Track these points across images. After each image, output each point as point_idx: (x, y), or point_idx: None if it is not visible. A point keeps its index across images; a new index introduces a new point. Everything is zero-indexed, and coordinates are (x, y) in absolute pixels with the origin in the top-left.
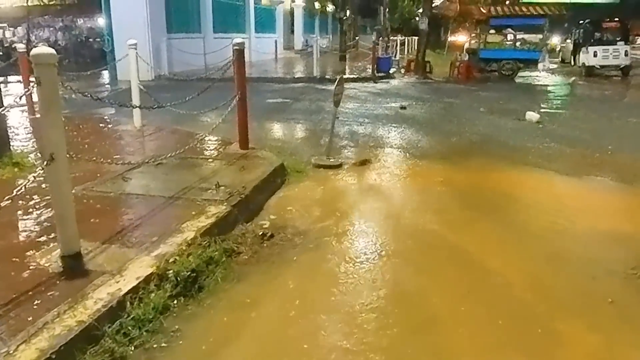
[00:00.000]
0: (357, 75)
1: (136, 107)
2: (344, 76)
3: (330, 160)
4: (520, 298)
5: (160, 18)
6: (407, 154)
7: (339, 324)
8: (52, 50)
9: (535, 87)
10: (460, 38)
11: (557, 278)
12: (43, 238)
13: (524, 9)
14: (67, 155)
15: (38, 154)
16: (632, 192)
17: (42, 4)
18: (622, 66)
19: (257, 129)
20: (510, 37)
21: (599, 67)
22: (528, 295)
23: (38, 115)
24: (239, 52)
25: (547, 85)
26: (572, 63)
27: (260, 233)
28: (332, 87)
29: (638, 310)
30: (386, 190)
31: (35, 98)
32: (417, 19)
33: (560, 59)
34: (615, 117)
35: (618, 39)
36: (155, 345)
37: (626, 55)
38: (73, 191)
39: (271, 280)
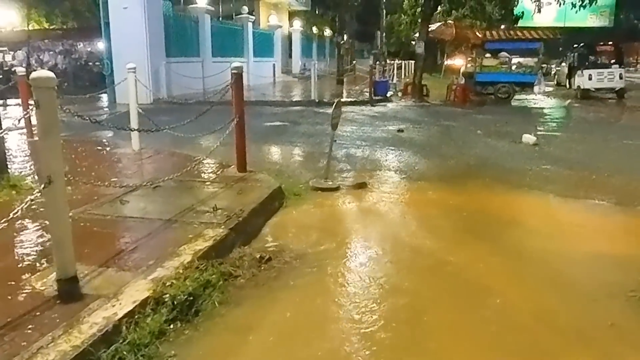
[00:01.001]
0: (354, 99)
1: (134, 130)
2: (342, 99)
3: (329, 183)
4: (520, 322)
5: (159, 42)
6: (404, 177)
7: (336, 350)
8: (51, 74)
9: (532, 110)
10: (457, 62)
11: (557, 301)
12: (39, 261)
13: (518, 33)
14: (65, 178)
15: (35, 176)
16: (629, 214)
17: (42, 28)
18: (617, 89)
19: (255, 152)
20: (505, 60)
21: (594, 89)
22: (528, 319)
23: (36, 138)
24: (237, 76)
25: (543, 108)
26: (568, 86)
27: (258, 256)
28: (329, 110)
29: (637, 332)
30: (383, 214)
31: (34, 121)
32: (413, 43)
33: (555, 82)
34: (611, 139)
35: (612, 61)
36: None
37: (621, 78)
38: (70, 214)
39: (268, 305)
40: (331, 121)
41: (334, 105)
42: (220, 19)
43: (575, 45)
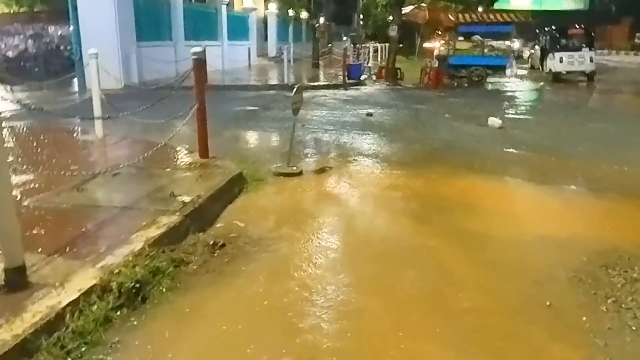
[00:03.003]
0: (327, 83)
1: (84, 118)
2: (315, 84)
3: (294, 168)
4: (459, 303)
5: (129, 26)
6: (368, 161)
7: (280, 336)
8: None
9: (503, 93)
10: (429, 45)
11: (499, 283)
12: None
13: (491, 16)
14: (25, 167)
15: None
16: (583, 197)
17: (10, 11)
18: (587, 72)
19: (222, 138)
20: (478, 43)
21: (565, 72)
22: (466, 302)
23: None
24: (198, 61)
25: (515, 91)
26: (541, 69)
27: (212, 242)
28: (303, 95)
29: (572, 311)
30: (342, 198)
31: None
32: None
33: (530, 65)
34: (575, 122)
35: (583, 45)
36: (93, 357)
37: (591, 61)
38: (26, 203)
39: (217, 291)
40: (292, 107)
41: (294, 91)
42: (193, 1)
43: (547, 29)
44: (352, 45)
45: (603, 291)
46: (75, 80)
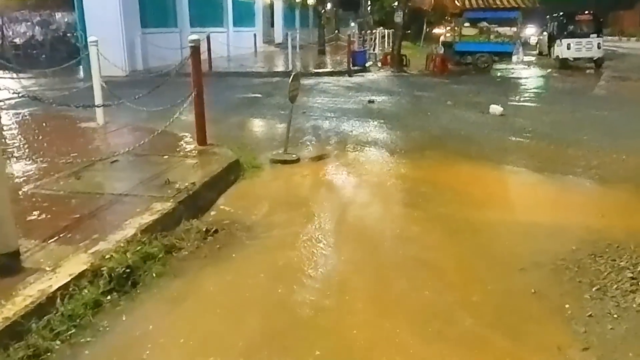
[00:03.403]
0: (332, 69)
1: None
2: (319, 70)
3: (292, 156)
4: (451, 286)
5: (134, 12)
6: (366, 149)
7: (268, 321)
8: None
9: (508, 80)
10: (438, 31)
11: (485, 270)
12: None
13: (497, 1)
14: (26, 154)
15: None
16: (579, 185)
17: None
18: (595, 58)
19: (222, 125)
20: (484, 30)
21: (572, 59)
22: (456, 285)
23: None
24: (195, 49)
25: (520, 78)
26: (549, 56)
27: (205, 229)
28: (307, 82)
29: (556, 299)
30: (337, 185)
31: None
32: None
33: (537, 52)
34: (578, 109)
35: (591, 31)
36: (81, 340)
37: (599, 47)
38: (24, 189)
39: (206, 276)
40: (288, 94)
41: (291, 78)
42: None
43: (554, 15)
44: (358, 31)
45: (588, 279)
46: (81, 67)
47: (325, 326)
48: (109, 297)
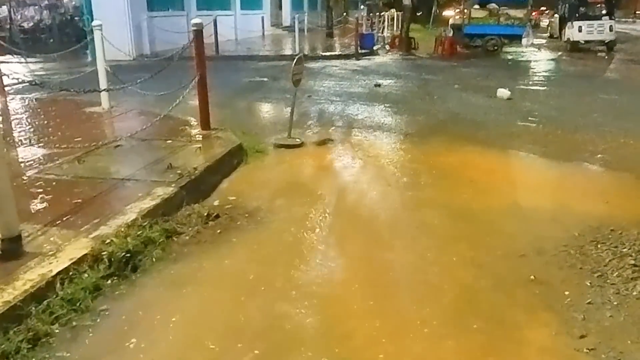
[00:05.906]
0: (339, 52)
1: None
2: (327, 53)
3: (296, 140)
4: (442, 278)
5: None
6: (371, 133)
7: (263, 307)
8: None
9: (518, 63)
10: (448, 13)
11: (485, 256)
12: None
13: None
14: (30, 139)
15: None
16: (584, 170)
17: None
18: (606, 41)
19: (227, 109)
20: (494, 12)
21: (583, 42)
22: (456, 270)
23: None
24: (198, 33)
25: (530, 61)
26: (560, 39)
27: (206, 214)
28: (313, 65)
29: (555, 286)
30: (341, 169)
31: None
32: None
33: (548, 34)
34: (587, 93)
35: (603, 13)
36: (81, 324)
37: (611, 30)
38: (28, 174)
39: (206, 261)
40: (292, 78)
41: (294, 62)
42: None
43: None
44: (367, 14)
45: (590, 266)
46: (88, 51)
47: (326, 314)
48: (108, 282)
